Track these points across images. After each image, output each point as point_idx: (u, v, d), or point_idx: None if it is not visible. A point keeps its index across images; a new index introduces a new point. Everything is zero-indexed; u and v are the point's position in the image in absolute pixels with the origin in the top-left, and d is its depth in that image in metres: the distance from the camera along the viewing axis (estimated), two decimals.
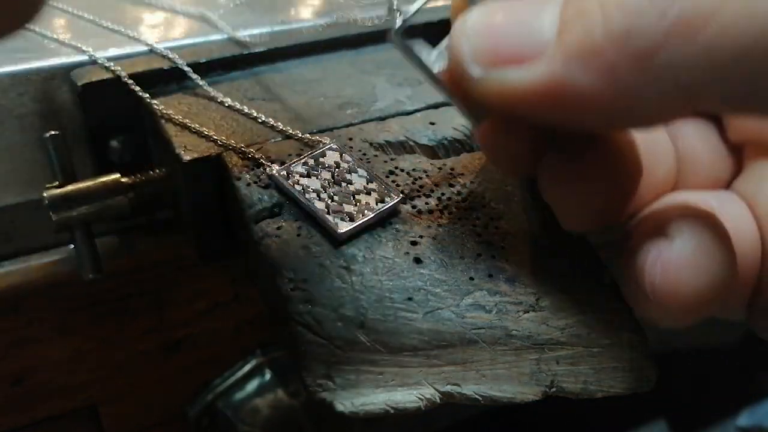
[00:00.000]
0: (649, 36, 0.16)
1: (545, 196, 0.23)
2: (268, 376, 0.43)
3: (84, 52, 0.35)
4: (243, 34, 0.37)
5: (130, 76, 0.33)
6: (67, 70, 0.34)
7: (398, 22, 0.22)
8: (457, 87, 0.21)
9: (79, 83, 0.32)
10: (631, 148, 0.22)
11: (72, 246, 0.32)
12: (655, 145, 0.24)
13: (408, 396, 0.22)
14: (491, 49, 0.19)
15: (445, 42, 0.23)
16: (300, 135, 0.29)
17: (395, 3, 0.23)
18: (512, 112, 0.20)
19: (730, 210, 0.23)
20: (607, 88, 0.17)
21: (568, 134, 0.22)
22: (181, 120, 0.31)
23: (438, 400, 0.23)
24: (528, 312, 0.24)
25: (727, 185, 0.25)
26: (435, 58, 0.22)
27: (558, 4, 0.19)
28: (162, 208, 0.36)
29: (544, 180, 0.22)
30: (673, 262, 0.20)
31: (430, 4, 0.23)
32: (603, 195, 0.22)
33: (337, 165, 0.27)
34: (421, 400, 0.22)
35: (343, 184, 0.26)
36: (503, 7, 0.20)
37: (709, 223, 0.21)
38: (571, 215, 0.22)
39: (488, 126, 0.22)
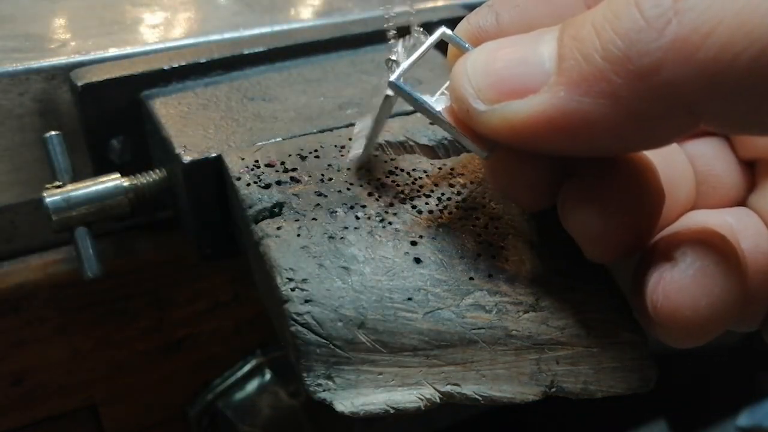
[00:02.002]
0: (648, 56, 0.16)
1: (566, 226, 0.22)
2: (268, 376, 0.43)
3: (84, 52, 0.35)
4: (243, 34, 0.37)
5: (130, 76, 0.33)
6: (67, 70, 0.34)
7: (396, 73, 0.23)
8: (461, 124, 0.22)
9: (79, 83, 0.32)
10: (651, 172, 0.22)
11: (72, 246, 0.32)
12: (674, 167, 0.24)
13: (408, 396, 0.22)
14: (493, 85, 0.20)
15: (445, 85, 0.23)
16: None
17: (392, 56, 0.25)
18: (519, 144, 0.20)
19: (748, 226, 0.23)
20: (611, 111, 0.17)
21: (582, 161, 0.22)
22: (181, 120, 0.31)
23: (438, 400, 0.23)
24: (528, 312, 0.24)
25: (742, 201, 0.25)
26: (436, 99, 0.23)
27: (554, 35, 0.19)
28: (162, 208, 0.36)
29: (566, 210, 0.22)
30: (674, 285, 0.20)
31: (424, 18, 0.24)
32: (628, 223, 0.21)
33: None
34: (421, 400, 0.22)
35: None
36: (501, 44, 0.20)
37: (716, 246, 0.21)
38: (596, 245, 0.22)
39: (500, 159, 0.22)
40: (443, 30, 0.24)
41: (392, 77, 0.23)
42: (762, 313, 0.23)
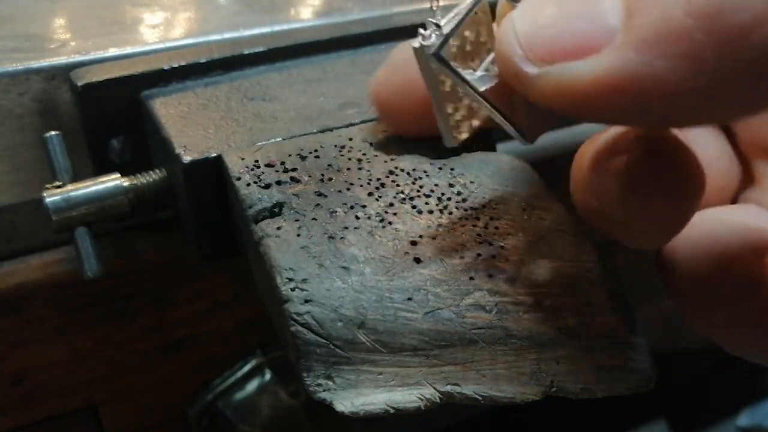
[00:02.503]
0: (746, 10, 0.14)
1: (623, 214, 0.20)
2: (268, 376, 0.43)
3: (84, 52, 0.35)
4: (243, 34, 0.37)
5: (130, 76, 0.33)
6: (67, 70, 0.34)
7: (433, 40, 0.21)
8: (507, 105, 0.20)
9: (79, 83, 0.32)
10: (694, 157, 0.20)
11: (72, 246, 0.32)
12: (707, 152, 0.23)
13: (408, 396, 0.22)
14: (546, 43, 0.17)
15: (490, 57, 0.22)
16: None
17: (432, 19, 0.21)
18: (578, 113, 0.17)
19: (763, 220, 0.22)
20: (692, 76, 0.15)
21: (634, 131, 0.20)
22: (181, 120, 0.31)
23: (438, 400, 0.23)
24: (528, 312, 0.24)
25: (735, 196, 0.24)
26: (480, 77, 0.21)
27: None
28: (162, 208, 0.36)
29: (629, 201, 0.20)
30: None
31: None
32: (682, 208, 0.20)
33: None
34: (421, 400, 0.22)
35: None
36: (552, 1, 0.18)
37: None
38: (650, 232, 0.20)
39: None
40: None
41: (433, 49, 0.20)
42: None
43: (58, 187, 0.31)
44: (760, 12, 0.14)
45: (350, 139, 0.30)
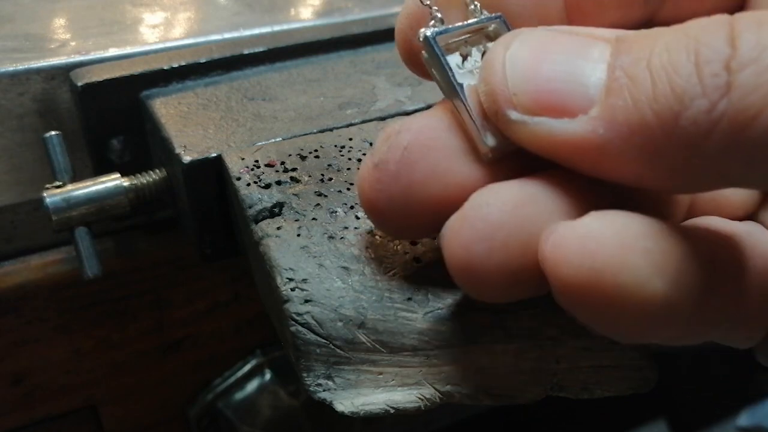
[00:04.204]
0: (698, 125, 0.16)
1: None
2: (268, 376, 0.43)
3: (84, 52, 0.35)
4: (243, 34, 0.37)
5: (130, 76, 0.33)
6: (67, 70, 0.34)
7: (431, 25, 0.21)
8: (482, 112, 0.20)
9: (79, 83, 0.32)
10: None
11: (72, 246, 0.32)
12: None
13: (408, 396, 0.22)
14: (534, 96, 0.19)
15: (476, 59, 0.22)
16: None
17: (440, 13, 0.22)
18: (546, 156, 0.19)
19: (761, 240, 0.22)
20: (648, 159, 0.17)
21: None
22: (181, 120, 0.31)
23: (438, 400, 0.23)
24: (528, 311, 0.24)
25: (752, 216, 0.24)
26: (463, 73, 0.21)
27: (605, 55, 0.18)
28: (162, 208, 0.36)
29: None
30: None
31: None
32: None
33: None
34: (421, 400, 0.22)
35: None
36: (544, 44, 0.19)
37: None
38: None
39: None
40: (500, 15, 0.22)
41: (428, 31, 0.21)
42: (761, 332, 0.22)
43: (58, 187, 0.31)
44: (709, 129, 0.16)
45: (350, 139, 0.30)
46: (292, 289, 0.23)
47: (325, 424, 0.44)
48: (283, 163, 0.28)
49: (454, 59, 0.21)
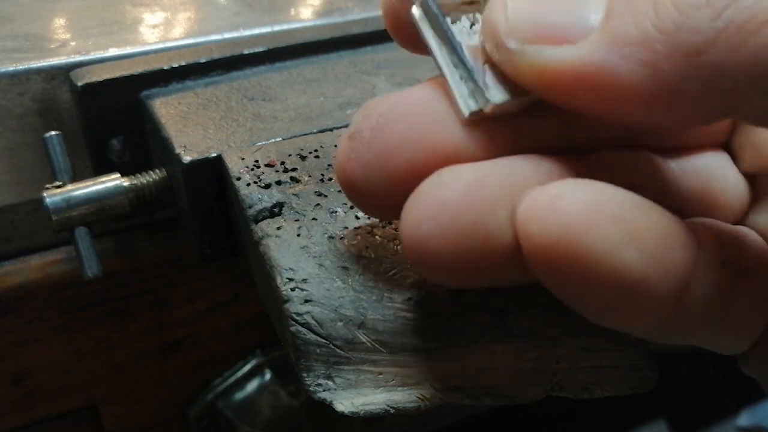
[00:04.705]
0: (700, 34, 0.16)
1: None
2: (268, 376, 0.43)
3: (84, 52, 0.35)
4: (243, 34, 0.37)
5: (130, 76, 0.33)
6: (67, 70, 0.34)
7: None
8: (490, 61, 0.20)
9: (79, 83, 0.32)
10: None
11: (72, 246, 0.32)
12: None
13: (408, 396, 0.22)
14: (532, 27, 0.18)
15: (464, 24, 0.21)
16: None
17: None
18: (545, 92, 0.19)
19: (752, 244, 0.22)
20: (648, 80, 0.17)
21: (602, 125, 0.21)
22: (181, 120, 0.31)
23: (438, 400, 0.23)
24: (528, 311, 0.24)
25: (745, 218, 0.24)
26: (460, 35, 0.21)
27: None
28: (162, 208, 0.36)
29: None
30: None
31: None
32: None
33: None
34: (421, 400, 0.22)
35: None
36: None
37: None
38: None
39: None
40: None
41: None
42: (749, 339, 0.21)
43: (58, 187, 0.31)
44: (711, 36, 0.16)
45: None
46: (292, 289, 0.23)
47: (325, 424, 0.44)
48: (283, 163, 0.28)
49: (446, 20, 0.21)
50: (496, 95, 0.20)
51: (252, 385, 0.43)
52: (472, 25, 0.21)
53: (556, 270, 0.18)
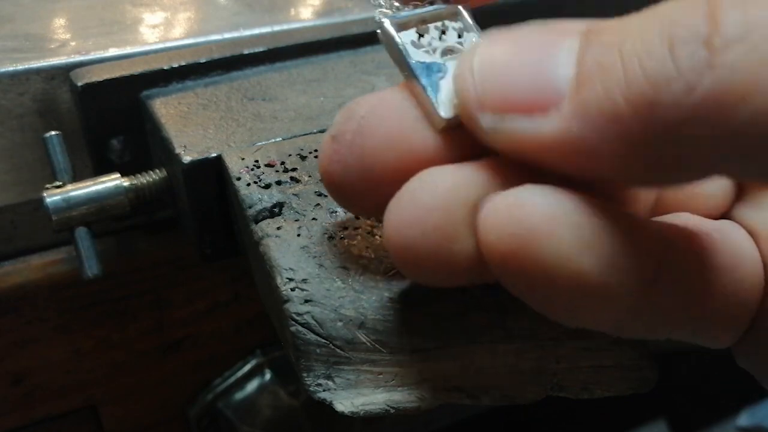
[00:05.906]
0: (674, 109, 0.15)
1: None
2: (268, 376, 0.43)
3: (84, 52, 0.35)
4: (243, 34, 0.37)
5: (130, 76, 0.33)
6: (67, 70, 0.34)
7: (392, 16, 0.21)
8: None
9: (79, 83, 0.32)
10: None
11: (72, 246, 0.32)
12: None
13: (408, 396, 0.22)
14: (500, 95, 0.18)
15: (433, 36, 0.22)
16: None
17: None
18: (517, 159, 0.18)
19: (733, 238, 0.21)
20: (625, 153, 0.16)
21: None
22: (181, 120, 0.31)
23: (438, 400, 0.23)
24: (528, 311, 0.24)
25: (728, 212, 0.24)
26: (418, 51, 0.21)
27: (575, 48, 0.17)
28: (162, 208, 0.36)
29: None
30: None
31: None
32: None
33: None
34: (421, 400, 0.22)
35: None
36: (512, 43, 0.18)
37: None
38: None
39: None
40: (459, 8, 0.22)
41: (385, 17, 0.21)
42: (736, 331, 0.21)
43: (58, 187, 0.31)
44: (688, 114, 0.15)
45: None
46: (292, 289, 0.23)
47: (325, 424, 0.44)
48: (283, 163, 0.28)
49: (409, 36, 0.21)
50: (448, 111, 0.20)
51: (252, 385, 0.43)
52: (442, 33, 0.21)
53: (515, 276, 0.18)
